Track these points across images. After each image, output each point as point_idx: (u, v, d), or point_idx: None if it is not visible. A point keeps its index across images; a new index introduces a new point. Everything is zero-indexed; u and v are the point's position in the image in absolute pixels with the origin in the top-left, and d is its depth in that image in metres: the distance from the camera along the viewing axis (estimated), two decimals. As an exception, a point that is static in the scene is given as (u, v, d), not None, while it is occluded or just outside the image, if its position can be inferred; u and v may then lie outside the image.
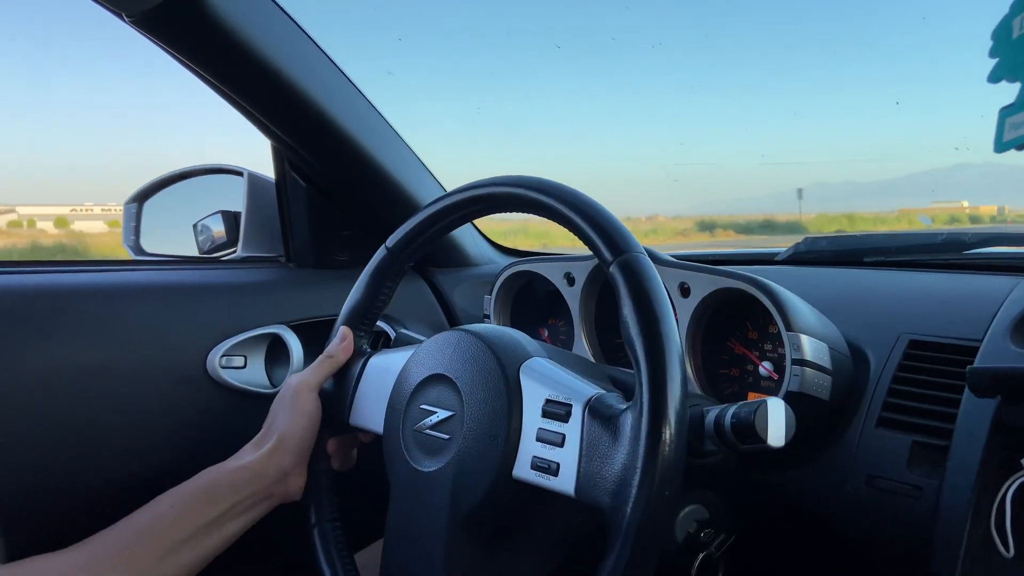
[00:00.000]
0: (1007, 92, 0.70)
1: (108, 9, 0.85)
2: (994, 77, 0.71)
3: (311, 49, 1.03)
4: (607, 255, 0.69)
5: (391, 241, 0.90)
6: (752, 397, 0.93)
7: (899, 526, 0.77)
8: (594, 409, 0.68)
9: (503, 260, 1.44)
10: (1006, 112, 0.70)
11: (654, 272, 0.67)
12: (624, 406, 0.66)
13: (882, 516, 0.79)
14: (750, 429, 0.63)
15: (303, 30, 1.01)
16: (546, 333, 1.21)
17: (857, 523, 0.81)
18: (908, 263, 1.18)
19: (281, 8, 0.98)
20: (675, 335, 0.64)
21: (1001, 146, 0.71)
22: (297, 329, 1.17)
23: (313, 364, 0.90)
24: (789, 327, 0.82)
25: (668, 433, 0.61)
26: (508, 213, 0.84)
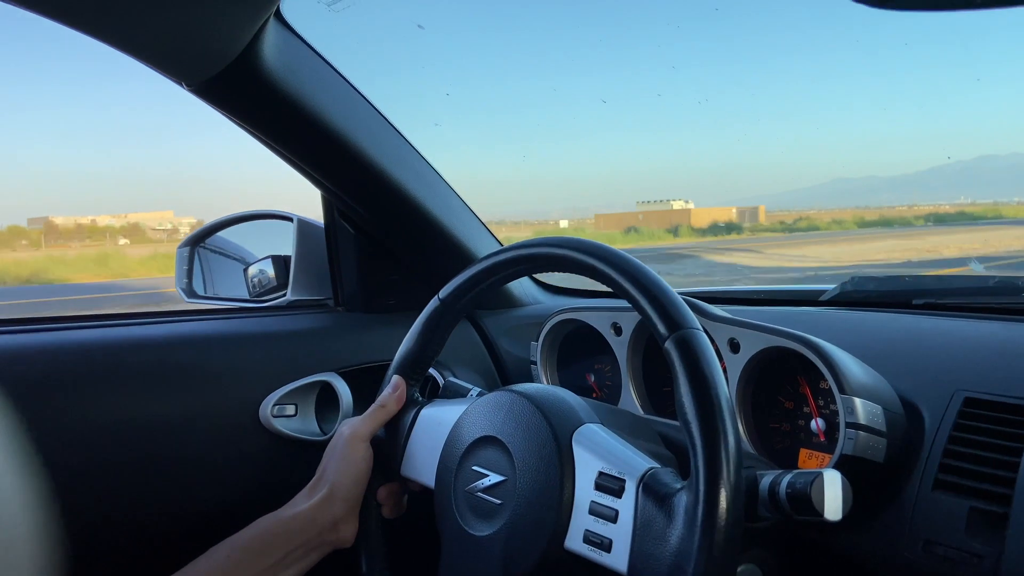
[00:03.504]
0: None
1: (169, 78, 0.88)
2: None
3: (363, 106, 1.06)
4: (663, 330, 0.69)
5: (444, 292, 0.91)
6: (804, 453, 0.92)
7: None
8: (648, 487, 0.68)
9: (549, 300, 1.45)
10: None
11: (710, 351, 0.67)
12: (679, 485, 0.66)
13: None
14: (806, 501, 0.63)
15: (356, 89, 1.04)
16: (592, 379, 1.21)
17: None
18: (960, 307, 1.15)
19: (334, 69, 1.00)
20: (731, 419, 0.64)
21: None
22: (346, 376, 1.18)
23: (365, 413, 0.92)
24: (843, 390, 0.81)
25: (723, 521, 0.61)
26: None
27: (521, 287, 1.41)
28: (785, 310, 1.25)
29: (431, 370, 1.22)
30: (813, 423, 0.92)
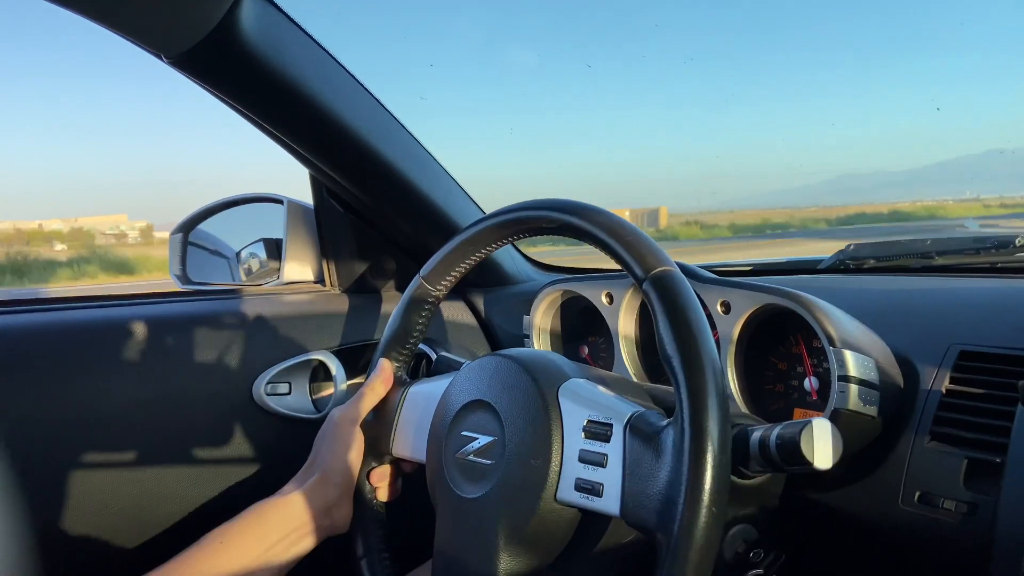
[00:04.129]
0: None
1: (147, 50, 0.88)
2: None
3: (345, 79, 1.05)
4: (639, 272, 0.68)
5: (425, 270, 0.91)
6: (798, 413, 0.92)
7: (955, 545, 0.75)
8: (635, 427, 0.67)
9: (542, 277, 1.44)
10: None
11: (687, 286, 0.67)
12: (665, 423, 0.66)
13: (937, 535, 0.77)
14: (796, 451, 0.62)
15: (338, 61, 1.03)
16: (587, 351, 1.21)
17: (911, 542, 0.79)
18: (956, 267, 1.15)
19: (316, 42, 0.99)
20: (711, 348, 0.64)
21: None
22: (339, 354, 1.18)
23: (354, 397, 0.91)
24: (833, 343, 0.80)
25: (711, 448, 0.60)
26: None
27: (514, 265, 1.40)
28: (783, 278, 1.24)
29: (424, 347, 1.22)
30: (807, 381, 0.91)
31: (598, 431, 0.69)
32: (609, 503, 0.66)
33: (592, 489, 0.68)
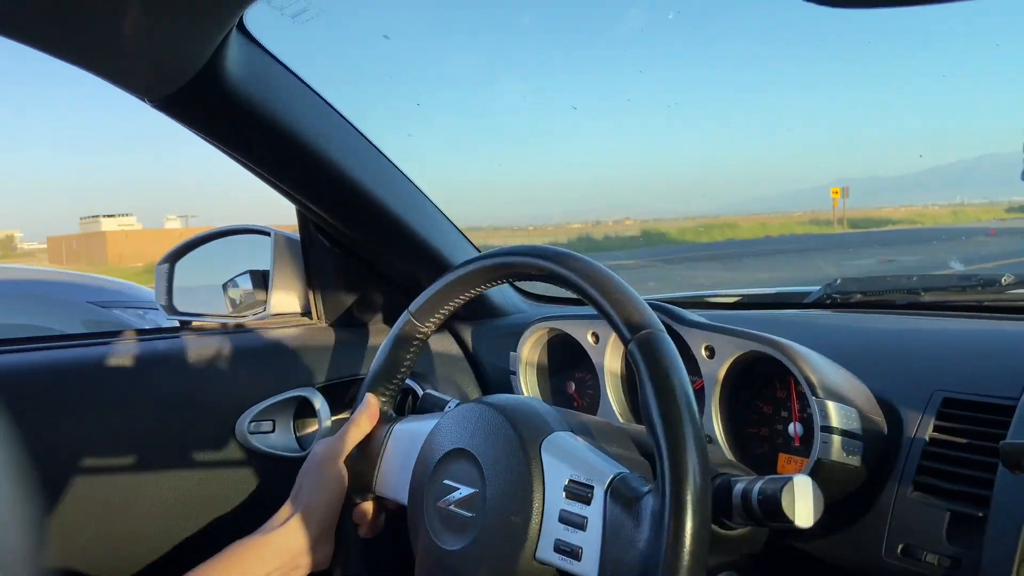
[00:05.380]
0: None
1: (131, 93, 0.87)
2: None
3: (332, 117, 1.05)
4: (625, 332, 0.68)
5: (414, 306, 0.90)
6: (782, 459, 0.91)
7: None
8: (616, 491, 0.67)
9: (532, 309, 1.44)
10: None
11: (672, 350, 0.67)
12: (646, 488, 0.65)
13: None
14: (777, 508, 0.62)
15: (325, 100, 1.03)
16: (573, 387, 1.20)
17: None
18: (943, 305, 1.14)
19: (303, 82, 0.99)
20: (694, 417, 0.64)
21: None
22: (325, 389, 1.17)
23: (338, 433, 0.91)
24: (816, 392, 0.80)
25: (690, 522, 0.60)
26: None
27: (503, 296, 1.40)
28: (769, 313, 1.24)
29: (411, 382, 1.21)
30: (791, 427, 0.91)
31: (579, 492, 0.68)
32: (587, 568, 0.66)
33: (571, 552, 0.67)
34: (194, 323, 1.31)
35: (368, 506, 0.91)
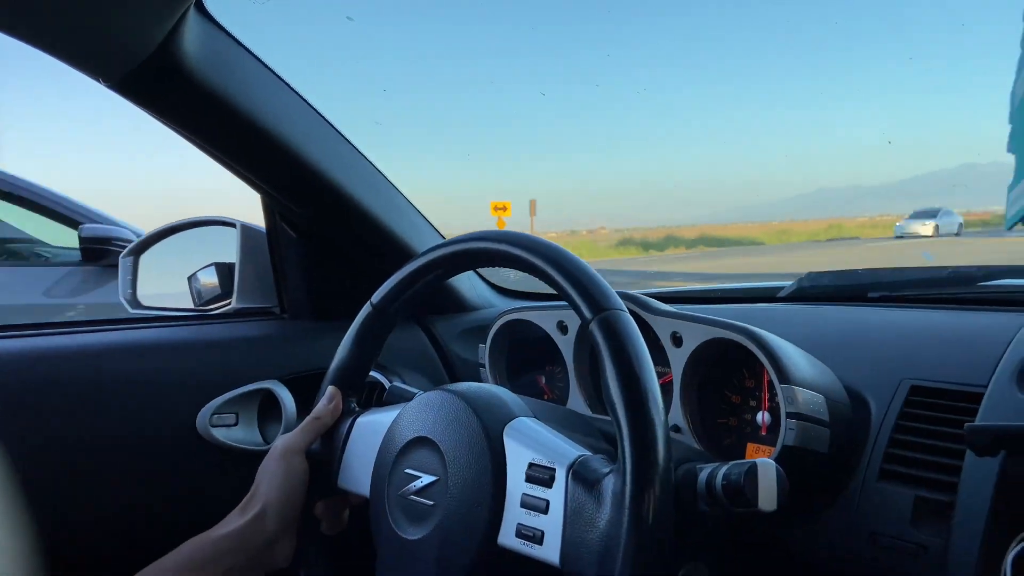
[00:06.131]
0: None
1: (86, 74, 0.85)
2: (1009, 147, 0.67)
3: (296, 102, 1.03)
4: (587, 313, 0.67)
5: (376, 297, 0.89)
6: (751, 448, 0.90)
7: None
8: (577, 473, 0.66)
9: (502, 303, 1.43)
10: (1010, 188, 0.67)
11: (634, 330, 0.65)
12: (607, 469, 0.64)
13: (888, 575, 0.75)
14: (740, 492, 0.61)
15: (287, 84, 1.01)
16: (543, 380, 1.19)
17: None
18: (914, 299, 1.14)
19: (264, 64, 0.97)
20: (656, 397, 0.62)
21: (1008, 222, 0.67)
22: (290, 383, 1.15)
23: (300, 426, 0.88)
24: (783, 379, 0.79)
25: (652, 499, 0.59)
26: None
27: (473, 290, 1.38)
28: (742, 307, 1.24)
29: (378, 376, 1.19)
30: (759, 416, 0.90)
31: (541, 476, 0.67)
32: (549, 551, 0.64)
33: (533, 536, 0.66)
34: (157, 316, 1.29)
35: (331, 501, 0.89)
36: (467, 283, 1.36)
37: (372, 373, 1.16)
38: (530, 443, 0.70)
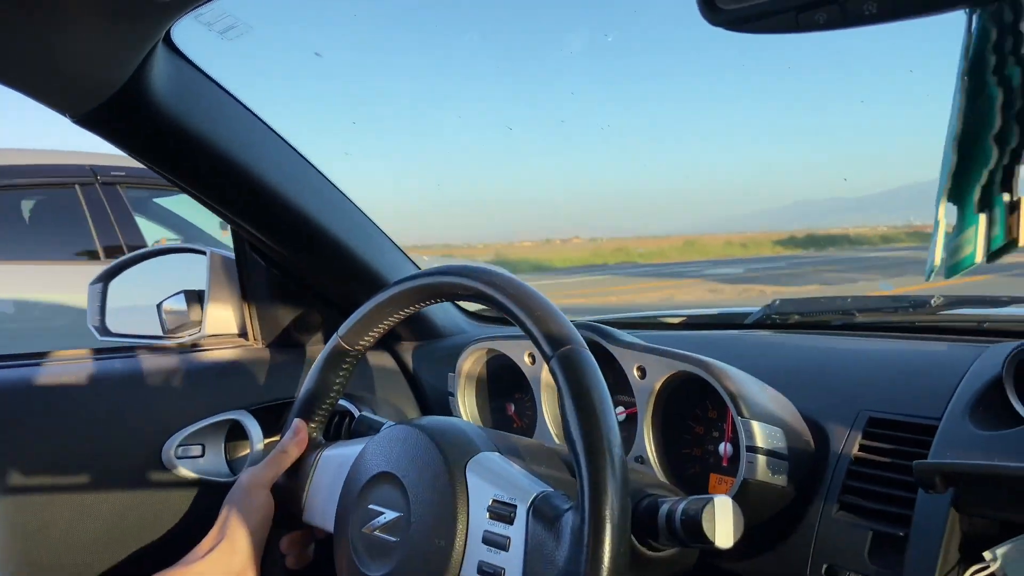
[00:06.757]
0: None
1: (52, 108, 0.85)
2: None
3: (263, 131, 1.03)
4: (547, 349, 0.68)
5: (343, 329, 0.89)
6: (713, 479, 0.91)
7: None
8: (538, 509, 0.66)
9: (474, 329, 1.43)
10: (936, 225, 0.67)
11: (593, 367, 0.66)
12: (567, 506, 0.65)
13: None
14: (698, 528, 0.62)
15: (256, 115, 1.01)
16: (513, 408, 1.19)
17: None
18: (875, 326, 1.16)
19: (232, 96, 0.97)
20: (614, 435, 0.63)
21: (931, 272, 0.68)
22: (258, 413, 1.15)
23: (265, 460, 0.88)
24: (741, 412, 0.80)
25: (608, 536, 0.59)
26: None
27: (446, 317, 1.39)
28: (710, 334, 1.25)
29: (347, 404, 1.19)
30: (721, 447, 0.91)
31: (502, 512, 0.67)
32: None
33: (494, 573, 0.66)
34: (126, 344, 1.28)
35: (296, 536, 0.88)
36: (439, 310, 1.37)
37: (341, 401, 1.16)
38: (493, 478, 0.71)
